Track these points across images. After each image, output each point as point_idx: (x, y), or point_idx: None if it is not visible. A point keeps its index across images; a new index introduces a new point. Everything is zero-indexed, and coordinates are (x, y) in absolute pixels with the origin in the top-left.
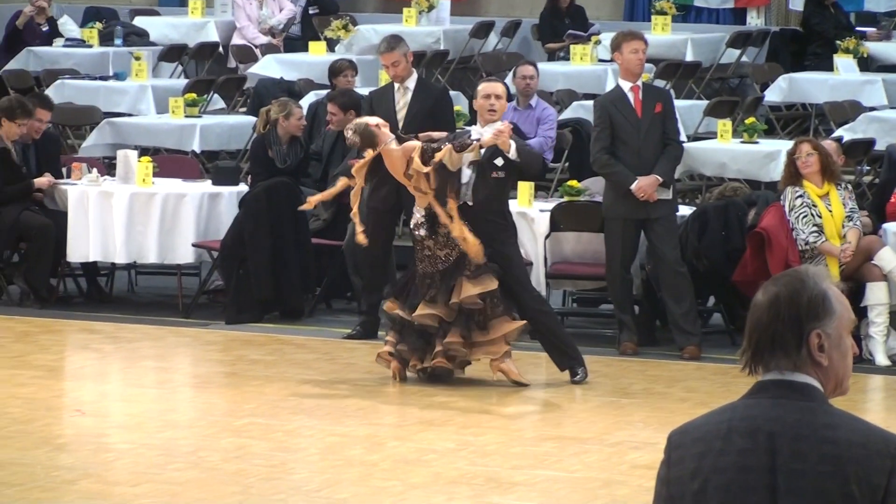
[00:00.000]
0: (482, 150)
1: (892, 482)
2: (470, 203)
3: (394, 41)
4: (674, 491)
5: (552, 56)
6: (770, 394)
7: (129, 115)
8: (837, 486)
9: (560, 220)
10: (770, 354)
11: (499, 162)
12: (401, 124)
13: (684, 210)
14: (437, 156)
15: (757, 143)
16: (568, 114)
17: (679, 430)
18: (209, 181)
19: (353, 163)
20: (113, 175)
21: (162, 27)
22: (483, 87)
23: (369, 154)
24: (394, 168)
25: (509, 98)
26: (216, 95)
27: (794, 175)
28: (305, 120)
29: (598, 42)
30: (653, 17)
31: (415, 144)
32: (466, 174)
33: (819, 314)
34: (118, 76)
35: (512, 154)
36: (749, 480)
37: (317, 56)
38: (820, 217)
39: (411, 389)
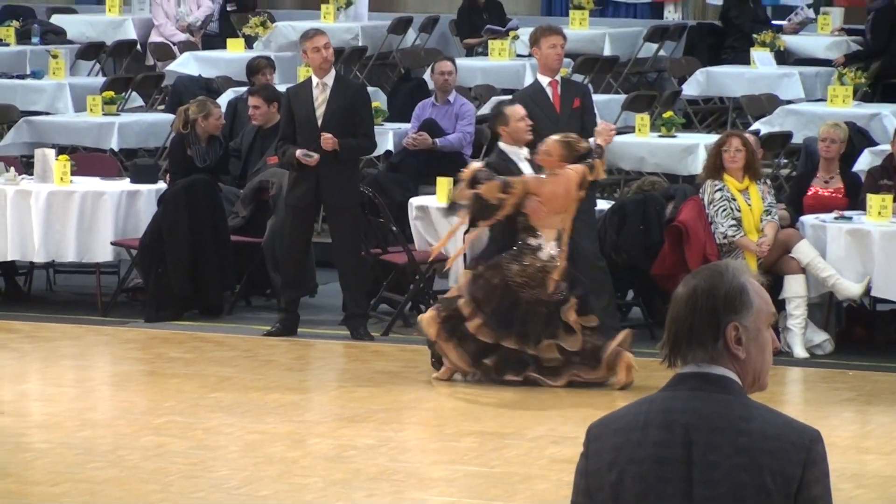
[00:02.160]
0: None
1: (806, 474)
2: None
3: (317, 30)
4: (592, 483)
5: (470, 51)
6: (687, 386)
7: (47, 113)
8: (752, 477)
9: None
10: (688, 347)
11: None
12: (319, 121)
13: (603, 204)
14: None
15: (675, 136)
16: (486, 109)
17: (598, 423)
18: (128, 179)
19: (272, 160)
20: (31, 174)
21: (79, 25)
22: (515, 111)
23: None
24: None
25: (427, 94)
26: (134, 93)
27: (716, 168)
28: (224, 118)
29: (516, 37)
30: (571, 12)
31: (577, 168)
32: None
33: (736, 307)
34: (35, 74)
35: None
36: (665, 472)
37: (235, 53)
38: (739, 211)
39: (331, 386)
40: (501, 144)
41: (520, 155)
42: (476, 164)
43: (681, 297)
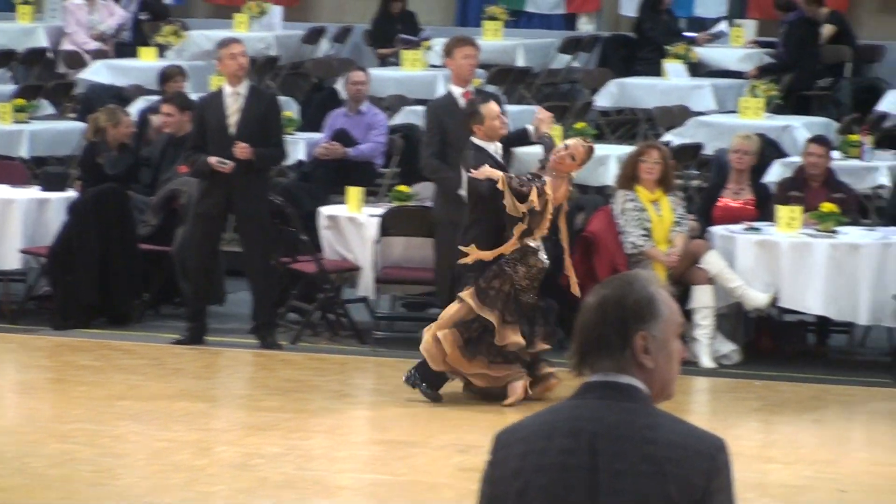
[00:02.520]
0: None
1: (710, 483)
2: None
3: (233, 38)
4: (497, 491)
5: (383, 61)
6: (595, 395)
7: None
8: (657, 486)
9: (390, 225)
10: (596, 356)
11: None
12: (232, 130)
13: None
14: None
15: None
16: (399, 119)
17: (504, 431)
18: (37, 187)
19: (183, 169)
20: None
21: None
22: (490, 109)
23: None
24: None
25: (340, 104)
26: (45, 101)
27: (630, 178)
28: (136, 126)
29: (429, 47)
30: (484, 23)
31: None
32: None
33: (645, 316)
34: None
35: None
36: (570, 480)
37: (147, 62)
38: (649, 221)
39: (238, 394)
40: (476, 140)
41: (492, 150)
42: (499, 173)
43: (590, 306)
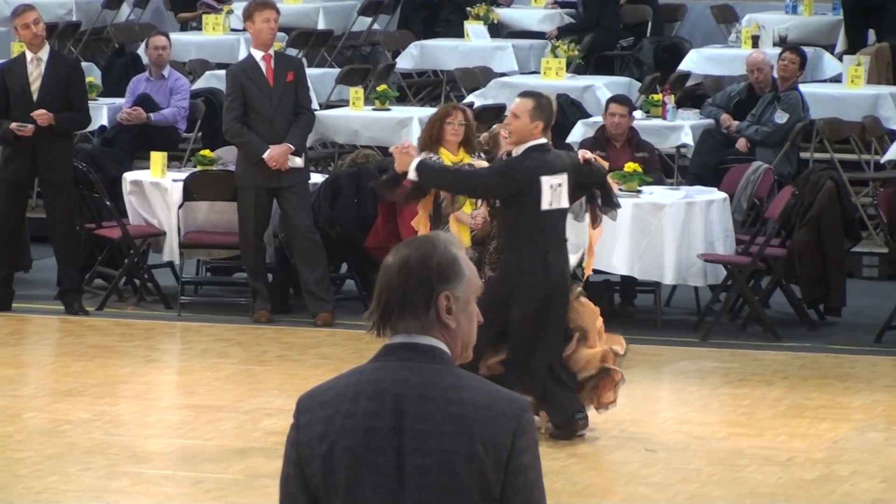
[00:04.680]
0: None
1: (515, 442)
2: None
3: (27, 5)
4: (303, 453)
5: (185, 26)
6: (397, 356)
7: None
8: (463, 445)
9: (193, 190)
10: (399, 316)
11: None
12: (35, 96)
13: (317, 178)
14: None
15: (389, 110)
16: (201, 83)
17: (308, 395)
18: None
19: None
20: None
21: None
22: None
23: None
24: None
25: (142, 69)
26: None
27: (433, 140)
28: None
29: (230, 11)
30: None
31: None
32: None
33: (449, 276)
34: None
35: (411, 175)
36: (376, 441)
37: None
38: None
39: (46, 360)
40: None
41: None
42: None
43: (392, 265)
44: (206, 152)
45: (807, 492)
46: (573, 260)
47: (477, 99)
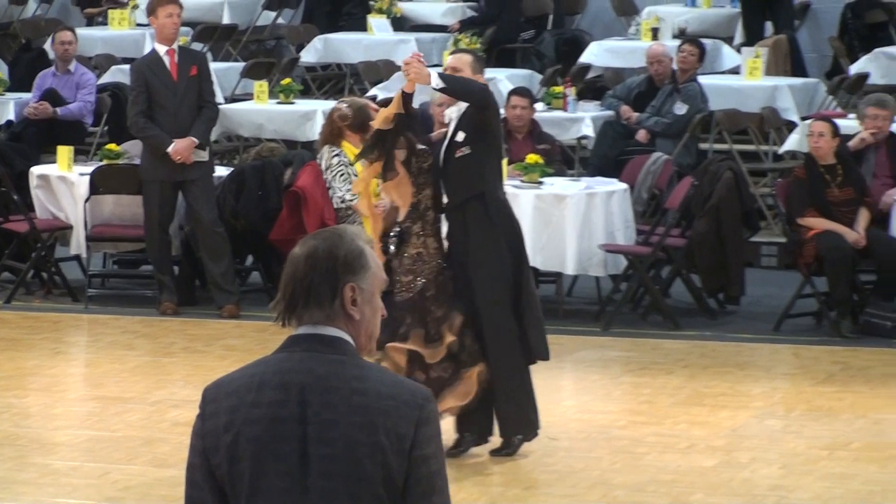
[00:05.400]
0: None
1: (418, 432)
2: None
3: None
4: (208, 444)
5: (91, 21)
6: (302, 347)
7: None
8: (367, 435)
9: (100, 183)
10: (304, 306)
11: (459, 137)
12: None
13: (221, 171)
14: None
15: (293, 103)
16: (107, 78)
17: (213, 385)
18: None
19: None
20: None
21: None
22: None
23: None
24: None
25: (49, 64)
26: None
27: (333, 134)
28: None
29: (135, 6)
30: None
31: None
32: None
33: (355, 268)
34: None
35: (435, 82)
36: (281, 431)
37: None
38: (356, 176)
39: None
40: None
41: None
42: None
43: (299, 256)
44: (112, 146)
45: (706, 479)
46: None
47: (380, 92)
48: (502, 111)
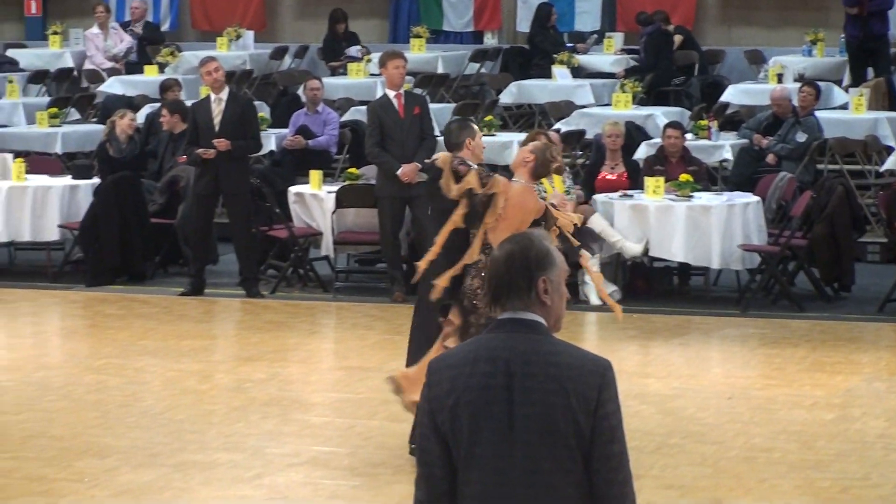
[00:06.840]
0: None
1: (601, 395)
2: None
3: (210, 57)
4: (434, 406)
5: (334, 72)
6: (506, 329)
7: (5, 126)
8: (560, 398)
9: (343, 199)
10: (507, 297)
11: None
12: (217, 128)
13: None
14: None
15: (494, 135)
16: (347, 117)
17: (437, 359)
18: (70, 176)
19: (182, 160)
20: None
21: (29, 57)
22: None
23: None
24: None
25: (301, 106)
26: (73, 109)
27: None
28: (144, 125)
29: (369, 60)
30: (411, 40)
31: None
32: None
33: (545, 265)
34: None
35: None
36: (491, 396)
37: (151, 76)
38: (545, 192)
39: (231, 333)
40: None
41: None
42: (446, 154)
43: (499, 258)
44: (353, 170)
45: (827, 429)
46: (639, 248)
47: (563, 126)
48: (659, 140)
